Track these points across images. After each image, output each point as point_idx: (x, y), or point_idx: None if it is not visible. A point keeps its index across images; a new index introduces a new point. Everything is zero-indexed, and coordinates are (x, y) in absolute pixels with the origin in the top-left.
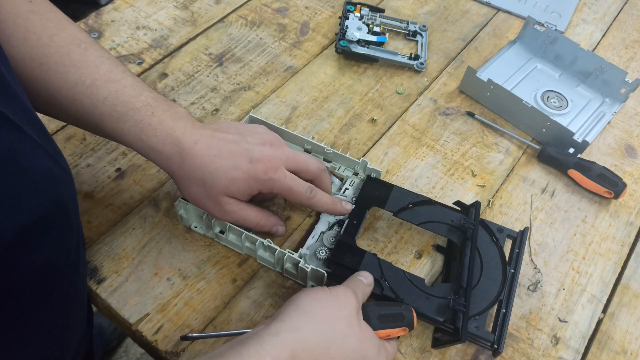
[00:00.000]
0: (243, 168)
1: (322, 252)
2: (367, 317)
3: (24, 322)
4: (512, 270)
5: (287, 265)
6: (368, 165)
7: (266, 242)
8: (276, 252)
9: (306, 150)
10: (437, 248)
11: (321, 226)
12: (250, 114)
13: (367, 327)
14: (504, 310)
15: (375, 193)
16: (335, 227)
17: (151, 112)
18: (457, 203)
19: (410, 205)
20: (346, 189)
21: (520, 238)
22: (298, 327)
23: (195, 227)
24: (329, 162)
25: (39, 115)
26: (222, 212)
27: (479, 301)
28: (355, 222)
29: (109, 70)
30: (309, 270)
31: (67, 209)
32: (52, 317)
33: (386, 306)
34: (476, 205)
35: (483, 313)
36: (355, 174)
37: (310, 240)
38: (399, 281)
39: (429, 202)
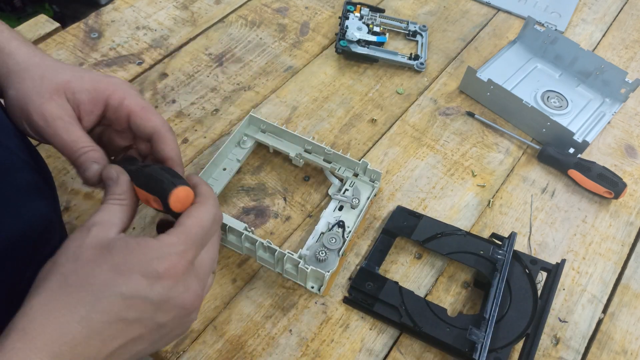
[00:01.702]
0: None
1: (322, 254)
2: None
3: None
4: (544, 304)
5: (287, 266)
6: (369, 167)
7: (266, 242)
8: (276, 253)
9: (306, 151)
10: (475, 283)
11: (321, 227)
12: (250, 113)
13: (113, 237)
14: (530, 346)
15: (403, 223)
16: (335, 228)
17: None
18: (493, 235)
19: (439, 235)
20: (346, 189)
21: (555, 271)
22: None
23: None
24: (329, 162)
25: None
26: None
27: (505, 334)
28: (381, 250)
29: None
30: (308, 271)
31: (49, 225)
32: None
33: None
34: (512, 236)
35: (507, 347)
36: (356, 175)
37: (310, 241)
38: (420, 309)
39: (457, 232)
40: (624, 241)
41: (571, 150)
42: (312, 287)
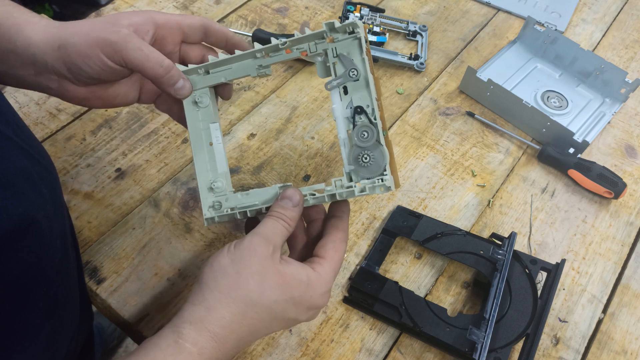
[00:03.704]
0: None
1: (366, 157)
2: None
3: (3, 330)
4: (544, 304)
5: (339, 191)
6: (336, 25)
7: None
8: (326, 197)
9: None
10: (475, 283)
11: (342, 130)
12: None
13: (288, 267)
14: (530, 346)
15: (403, 223)
16: (357, 117)
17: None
18: (493, 235)
19: (439, 235)
20: (334, 64)
21: (555, 271)
22: (209, 307)
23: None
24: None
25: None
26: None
27: (505, 334)
28: (380, 250)
29: None
30: (368, 185)
31: (49, 213)
32: (34, 322)
33: None
34: (511, 236)
35: (507, 347)
36: (332, 40)
37: (345, 152)
38: (420, 309)
39: (457, 232)
40: (624, 241)
41: (571, 150)
42: (382, 190)
